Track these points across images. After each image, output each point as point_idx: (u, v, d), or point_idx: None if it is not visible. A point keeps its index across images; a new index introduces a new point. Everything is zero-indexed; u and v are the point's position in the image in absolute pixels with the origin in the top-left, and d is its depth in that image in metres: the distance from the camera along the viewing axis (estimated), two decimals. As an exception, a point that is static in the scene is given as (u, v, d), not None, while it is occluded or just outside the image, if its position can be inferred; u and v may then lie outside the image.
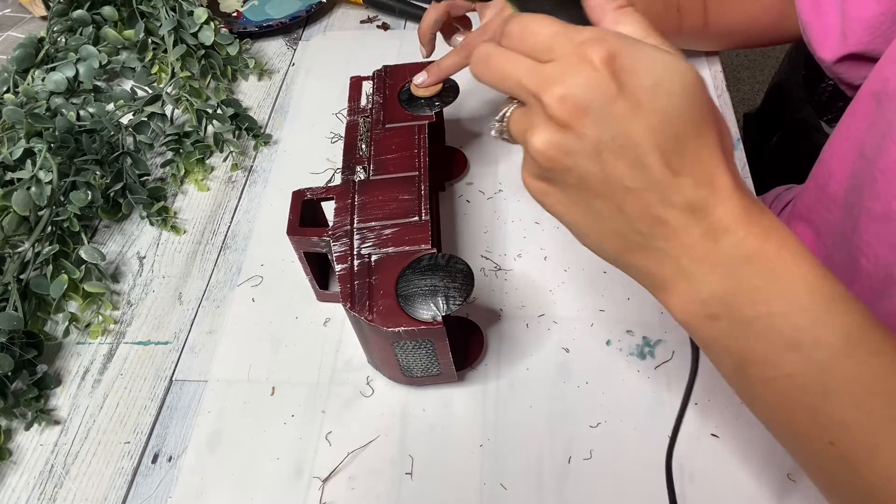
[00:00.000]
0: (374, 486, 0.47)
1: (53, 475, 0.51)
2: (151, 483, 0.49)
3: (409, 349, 0.47)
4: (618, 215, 0.32)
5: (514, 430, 0.49)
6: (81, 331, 0.58)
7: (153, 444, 0.51)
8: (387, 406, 0.51)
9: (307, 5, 0.84)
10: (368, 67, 0.62)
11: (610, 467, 0.47)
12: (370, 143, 0.55)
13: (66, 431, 0.53)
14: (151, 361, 0.56)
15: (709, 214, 0.31)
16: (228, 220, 0.65)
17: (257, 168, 0.70)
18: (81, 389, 0.55)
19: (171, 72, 0.72)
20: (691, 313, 0.33)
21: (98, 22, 0.78)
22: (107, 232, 0.66)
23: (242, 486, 0.48)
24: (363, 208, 0.51)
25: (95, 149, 0.64)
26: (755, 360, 0.32)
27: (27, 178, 0.58)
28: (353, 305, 0.45)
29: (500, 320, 0.55)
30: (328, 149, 0.70)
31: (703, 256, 0.31)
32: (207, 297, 0.60)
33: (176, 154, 0.68)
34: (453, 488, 0.47)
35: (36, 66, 0.75)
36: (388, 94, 0.58)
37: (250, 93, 0.78)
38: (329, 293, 0.57)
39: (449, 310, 0.44)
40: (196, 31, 0.74)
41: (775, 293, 0.31)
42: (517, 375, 0.52)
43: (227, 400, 0.53)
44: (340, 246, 0.49)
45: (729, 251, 0.31)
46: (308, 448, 0.50)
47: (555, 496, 0.46)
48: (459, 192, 0.64)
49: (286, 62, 0.81)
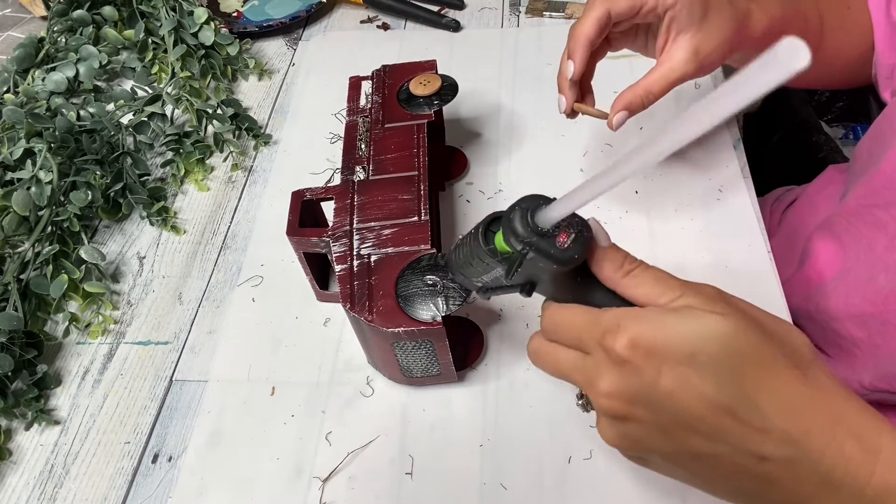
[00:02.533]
0: (374, 486, 0.47)
1: (53, 475, 0.51)
2: (151, 483, 0.49)
3: (408, 349, 0.47)
4: (719, 478, 0.31)
5: (514, 430, 0.49)
6: (81, 331, 0.58)
7: (153, 444, 0.51)
8: (387, 406, 0.51)
9: (307, 5, 0.84)
10: (368, 67, 0.62)
11: (610, 467, 0.47)
12: (369, 142, 0.55)
13: (66, 431, 0.53)
14: (151, 361, 0.56)
15: (803, 448, 0.29)
16: (228, 220, 0.65)
17: (257, 168, 0.70)
18: (81, 389, 0.55)
19: (171, 72, 0.72)
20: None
21: (98, 22, 0.78)
22: (107, 232, 0.66)
23: (242, 486, 0.48)
24: (363, 208, 0.51)
25: (95, 149, 0.64)
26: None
27: (27, 178, 0.58)
28: (352, 306, 0.45)
29: (500, 320, 0.55)
30: (328, 149, 0.70)
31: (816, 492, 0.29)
32: (207, 297, 0.60)
33: (176, 154, 0.68)
34: (453, 488, 0.47)
35: (36, 66, 0.75)
36: (387, 94, 0.58)
37: (250, 93, 0.78)
38: (329, 293, 0.57)
39: (449, 310, 0.44)
40: (196, 31, 0.74)
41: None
42: (517, 375, 0.52)
43: (227, 400, 0.53)
44: (340, 246, 0.49)
45: (850, 486, 0.29)
46: (308, 448, 0.50)
47: (555, 496, 0.46)
48: (459, 192, 0.64)
49: (286, 62, 0.81)
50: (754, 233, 0.57)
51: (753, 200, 0.60)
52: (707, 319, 0.29)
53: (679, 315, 0.30)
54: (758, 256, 0.55)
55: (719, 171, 0.62)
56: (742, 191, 0.60)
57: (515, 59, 0.76)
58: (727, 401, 0.28)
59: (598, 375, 0.31)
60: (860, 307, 0.53)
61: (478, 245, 0.36)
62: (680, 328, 0.29)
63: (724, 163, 0.62)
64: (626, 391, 0.30)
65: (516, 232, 0.32)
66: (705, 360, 0.29)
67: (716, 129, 0.64)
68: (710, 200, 0.60)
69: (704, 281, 0.33)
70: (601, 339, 0.30)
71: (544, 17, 0.81)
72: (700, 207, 0.60)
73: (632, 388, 0.30)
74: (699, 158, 0.63)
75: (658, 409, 0.29)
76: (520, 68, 0.75)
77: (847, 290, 0.55)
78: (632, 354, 0.29)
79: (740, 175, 0.61)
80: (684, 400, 0.29)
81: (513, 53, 0.77)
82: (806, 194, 0.69)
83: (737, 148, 0.64)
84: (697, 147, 0.64)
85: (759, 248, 0.56)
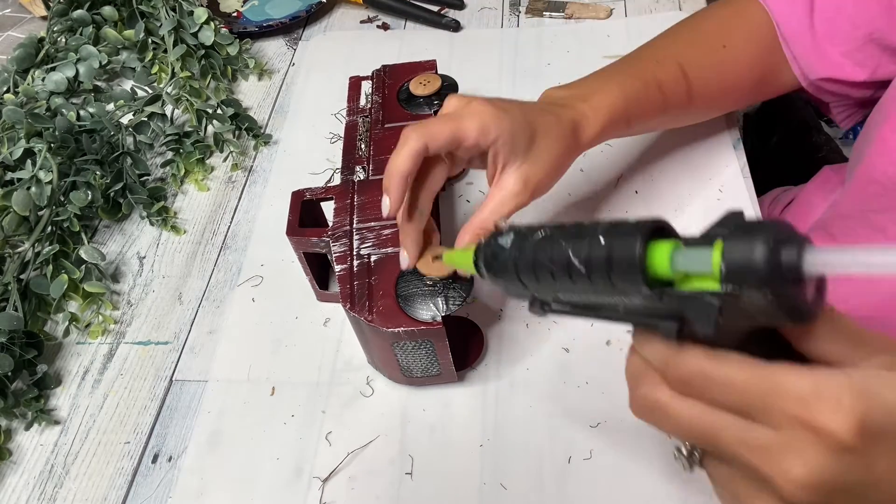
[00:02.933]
0: (374, 486, 0.47)
1: (53, 475, 0.51)
2: (151, 483, 0.49)
3: (408, 349, 0.47)
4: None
5: (514, 430, 0.49)
6: (81, 331, 0.58)
7: (153, 444, 0.51)
8: (387, 406, 0.51)
9: (307, 5, 0.84)
10: (368, 67, 0.62)
11: (610, 467, 0.47)
12: (369, 142, 0.55)
13: (66, 431, 0.53)
14: (151, 361, 0.56)
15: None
16: (228, 220, 0.65)
17: (257, 168, 0.70)
18: (81, 389, 0.55)
19: (171, 72, 0.72)
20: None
21: (98, 22, 0.78)
22: (107, 232, 0.66)
23: (242, 486, 0.48)
24: (363, 208, 0.51)
25: (95, 149, 0.64)
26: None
27: (27, 178, 0.58)
28: (352, 306, 0.45)
29: (500, 320, 0.55)
30: (328, 149, 0.70)
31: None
32: (207, 297, 0.60)
33: (176, 154, 0.68)
34: (453, 488, 0.47)
35: (36, 66, 0.75)
36: (387, 94, 0.58)
37: (250, 93, 0.78)
38: (329, 293, 0.57)
39: (448, 310, 0.44)
40: (196, 31, 0.74)
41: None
42: (517, 375, 0.52)
43: (227, 400, 0.53)
44: (340, 246, 0.49)
45: None
46: (308, 448, 0.50)
47: (555, 496, 0.46)
48: (459, 191, 0.64)
49: (286, 62, 0.81)
50: (754, 233, 0.57)
51: (753, 200, 0.60)
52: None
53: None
54: (758, 256, 0.55)
55: (719, 171, 0.62)
56: (742, 191, 0.60)
57: (515, 59, 0.76)
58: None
59: (795, 458, 0.24)
60: (859, 310, 0.53)
61: (629, 269, 0.26)
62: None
63: (724, 163, 0.62)
64: (832, 482, 0.24)
65: (758, 272, 0.23)
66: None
67: (716, 129, 0.65)
68: (710, 200, 0.60)
69: None
70: (800, 412, 0.24)
71: (544, 17, 0.81)
72: (700, 207, 0.60)
73: (840, 480, 0.24)
74: (699, 158, 0.63)
75: (862, 497, 0.25)
76: (519, 68, 0.75)
77: (845, 292, 0.55)
78: (859, 441, 0.23)
79: (740, 175, 0.61)
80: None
81: (513, 53, 0.77)
82: (802, 195, 0.69)
83: (737, 148, 0.64)
84: (697, 147, 0.64)
85: (758, 249, 0.56)
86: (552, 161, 0.45)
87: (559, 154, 0.45)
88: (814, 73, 0.56)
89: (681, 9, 0.78)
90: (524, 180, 0.43)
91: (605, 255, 0.26)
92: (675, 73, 0.54)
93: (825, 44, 0.54)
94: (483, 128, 0.41)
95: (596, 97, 0.49)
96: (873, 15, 0.51)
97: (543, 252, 0.29)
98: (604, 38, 0.77)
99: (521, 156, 0.43)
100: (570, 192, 0.62)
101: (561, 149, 0.45)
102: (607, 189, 0.62)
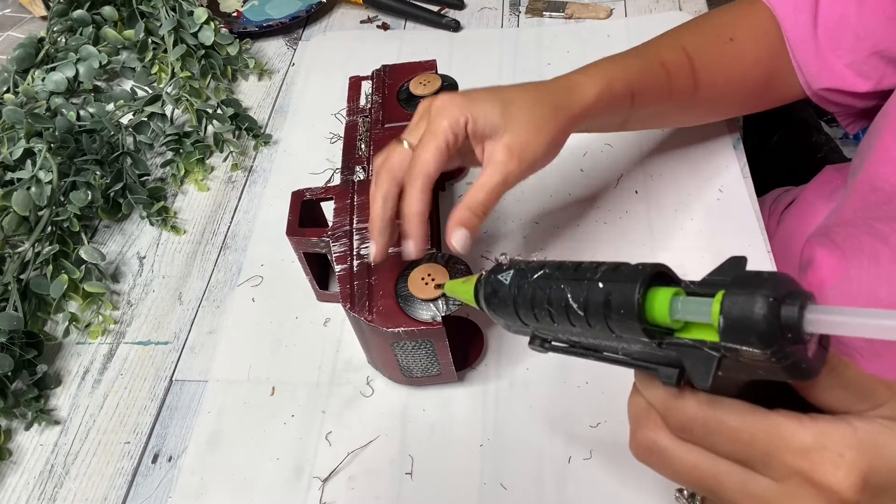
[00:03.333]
0: (374, 486, 0.47)
1: (53, 475, 0.51)
2: (151, 483, 0.49)
3: (408, 349, 0.47)
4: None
5: (514, 430, 0.49)
6: (81, 331, 0.58)
7: (153, 444, 0.51)
8: (387, 406, 0.51)
9: (307, 5, 0.84)
10: (368, 67, 0.62)
11: (610, 467, 0.47)
12: (369, 142, 0.55)
13: (66, 431, 0.53)
14: (151, 361, 0.56)
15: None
16: (228, 220, 0.65)
17: (257, 168, 0.70)
18: (81, 389, 0.55)
19: (171, 72, 0.72)
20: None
21: (98, 22, 0.78)
22: (107, 232, 0.66)
23: (242, 486, 0.48)
24: (363, 208, 0.51)
25: (95, 149, 0.64)
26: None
27: (27, 178, 0.58)
28: (352, 306, 0.45)
29: (499, 320, 0.55)
30: (328, 149, 0.70)
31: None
32: (207, 297, 0.60)
33: (176, 154, 0.68)
34: (453, 488, 0.47)
35: (36, 66, 0.75)
36: (387, 94, 0.58)
37: (250, 93, 0.78)
38: (329, 293, 0.57)
39: (448, 310, 0.44)
40: (196, 31, 0.74)
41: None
42: (517, 375, 0.52)
43: (227, 400, 0.53)
44: (340, 246, 0.49)
45: None
46: (308, 448, 0.50)
47: (555, 496, 0.46)
48: (459, 191, 0.64)
49: (286, 62, 0.81)
50: (754, 233, 0.57)
51: (753, 200, 0.60)
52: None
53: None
54: (758, 256, 0.55)
55: (719, 171, 0.62)
56: (742, 191, 0.60)
57: (515, 59, 0.76)
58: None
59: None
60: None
61: (627, 315, 0.25)
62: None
63: (724, 163, 0.63)
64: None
65: (756, 329, 0.22)
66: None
67: (716, 129, 0.65)
68: (710, 200, 0.60)
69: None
70: (802, 465, 0.23)
71: (544, 17, 0.81)
72: (700, 207, 0.60)
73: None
74: (699, 158, 0.63)
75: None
76: (519, 68, 0.75)
77: (847, 298, 0.55)
78: (861, 498, 0.23)
79: (740, 175, 0.61)
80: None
81: (513, 53, 0.77)
82: (804, 195, 0.69)
83: (737, 148, 0.64)
84: (697, 147, 0.64)
85: (759, 248, 0.56)
86: (534, 123, 0.44)
87: (541, 116, 0.45)
88: (817, 82, 0.55)
89: (681, 9, 0.78)
90: (507, 148, 0.43)
91: (603, 299, 0.26)
92: (680, 55, 0.53)
93: (829, 54, 0.54)
94: (453, 120, 0.42)
95: (592, 68, 0.49)
96: (877, 27, 0.51)
97: (542, 291, 0.29)
98: (604, 38, 0.77)
99: (498, 128, 0.44)
100: (571, 192, 0.62)
101: (544, 111, 0.45)
102: (607, 189, 0.62)
